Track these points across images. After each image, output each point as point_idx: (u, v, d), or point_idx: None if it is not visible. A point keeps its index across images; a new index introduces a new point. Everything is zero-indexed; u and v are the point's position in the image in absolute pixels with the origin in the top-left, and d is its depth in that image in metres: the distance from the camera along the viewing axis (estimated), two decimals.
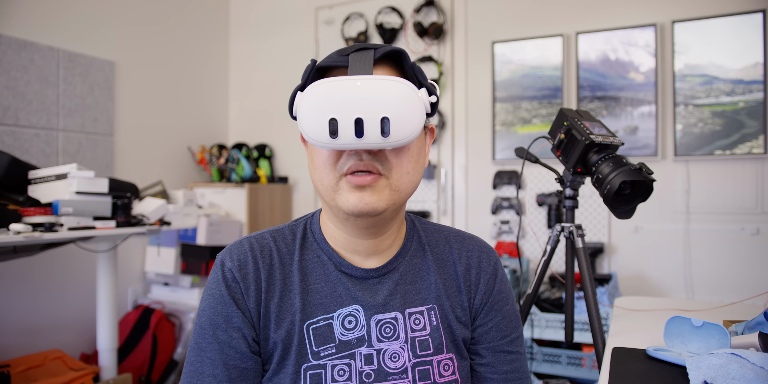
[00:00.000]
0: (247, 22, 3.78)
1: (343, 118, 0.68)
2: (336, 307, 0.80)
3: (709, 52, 2.56)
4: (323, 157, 0.75)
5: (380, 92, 0.68)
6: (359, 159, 0.72)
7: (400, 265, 0.86)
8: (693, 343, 0.97)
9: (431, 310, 0.85)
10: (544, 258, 1.59)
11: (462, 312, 0.87)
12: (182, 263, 3.03)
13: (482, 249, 0.93)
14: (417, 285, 0.86)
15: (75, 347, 2.68)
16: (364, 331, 0.80)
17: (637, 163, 1.34)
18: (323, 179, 0.76)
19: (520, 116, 2.96)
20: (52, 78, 2.60)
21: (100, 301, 2.25)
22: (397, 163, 0.75)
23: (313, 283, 0.82)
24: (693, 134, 2.58)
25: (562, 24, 2.87)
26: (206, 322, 0.78)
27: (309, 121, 0.70)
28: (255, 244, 0.83)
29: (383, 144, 0.69)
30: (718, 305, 1.46)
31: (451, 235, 0.93)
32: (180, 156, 3.39)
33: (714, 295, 2.54)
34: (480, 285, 0.89)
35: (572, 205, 1.53)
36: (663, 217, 2.66)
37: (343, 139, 0.68)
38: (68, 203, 1.90)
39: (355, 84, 0.69)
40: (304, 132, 0.71)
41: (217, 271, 0.81)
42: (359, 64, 0.72)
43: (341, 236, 0.83)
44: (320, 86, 0.70)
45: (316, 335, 0.78)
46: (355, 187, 0.73)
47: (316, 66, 0.75)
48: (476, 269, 0.90)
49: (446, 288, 0.87)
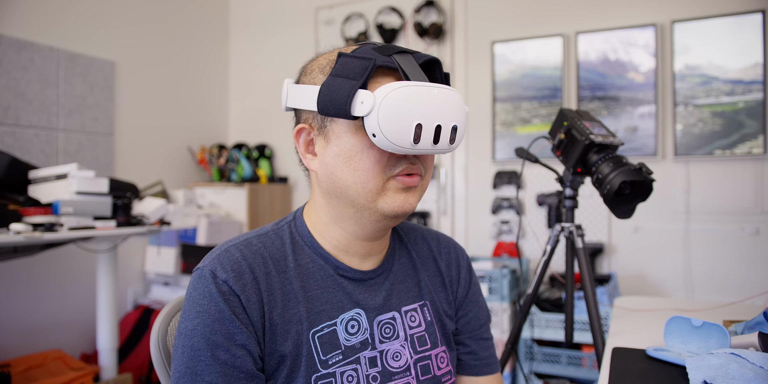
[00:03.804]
0: (247, 22, 3.78)
1: (426, 125, 0.68)
2: (338, 313, 0.78)
3: (709, 52, 2.56)
4: (373, 160, 0.72)
5: (451, 101, 0.71)
6: (410, 162, 0.74)
7: (393, 265, 0.87)
8: (693, 343, 0.97)
9: (424, 307, 0.87)
10: (544, 258, 1.59)
11: (448, 306, 0.91)
12: (182, 263, 3.03)
13: (455, 246, 0.98)
14: (407, 283, 0.87)
15: (75, 347, 2.68)
16: (367, 334, 0.80)
17: (637, 163, 1.34)
18: (368, 182, 0.73)
19: (520, 116, 2.96)
20: (52, 78, 2.60)
21: (100, 301, 2.25)
22: (430, 167, 0.78)
23: (313, 290, 0.78)
24: (693, 134, 2.58)
25: (561, 24, 2.87)
26: (201, 343, 0.70)
27: (392, 124, 0.67)
28: (245, 251, 0.76)
29: (449, 150, 0.72)
30: (717, 305, 1.46)
31: (426, 233, 0.97)
32: (180, 156, 3.39)
33: (714, 295, 2.54)
34: (460, 279, 0.94)
35: (572, 205, 1.53)
36: (663, 217, 2.66)
37: (422, 145, 0.69)
38: (68, 203, 1.90)
39: (432, 91, 0.69)
40: (383, 135, 0.67)
41: (208, 284, 0.72)
42: (412, 69, 0.71)
43: (345, 238, 0.81)
44: (405, 90, 0.68)
45: (322, 343, 0.76)
46: (404, 188, 0.74)
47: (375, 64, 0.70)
48: (455, 264, 0.95)
49: (433, 284, 0.91)
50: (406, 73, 0.70)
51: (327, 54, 0.80)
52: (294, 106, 0.77)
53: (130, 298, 3.03)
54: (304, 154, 0.79)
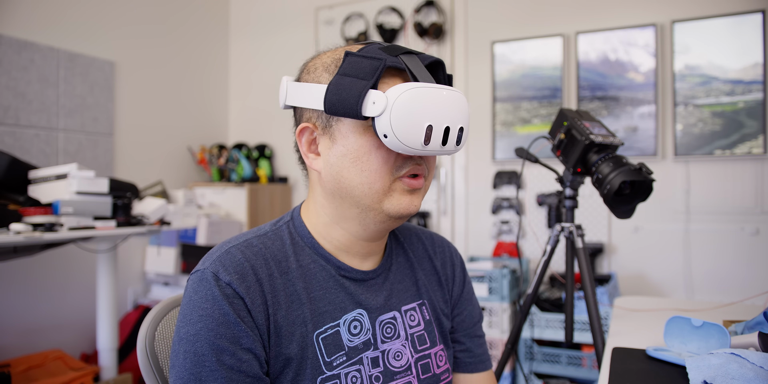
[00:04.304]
0: (247, 22, 3.78)
1: (437, 126, 0.69)
2: (341, 314, 0.78)
3: (709, 52, 2.56)
4: (380, 160, 0.72)
5: (459, 103, 0.72)
6: (417, 163, 0.74)
7: (392, 264, 0.87)
8: (693, 343, 0.97)
9: (422, 306, 0.88)
10: (544, 258, 1.59)
11: (444, 304, 0.92)
12: (182, 263, 3.03)
13: (448, 244, 0.99)
14: (406, 282, 0.88)
15: (75, 347, 2.68)
16: (369, 334, 0.80)
17: (637, 163, 1.34)
18: (375, 183, 0.73)
19: (520, 116, 2.96)
20: (52, 78, 2.60)
21: (100, 301, 2.25)
22: (432, 167, 0.79)
23: (315, 291, 0.77)
24: (693, 134, 2.58)
25: (561, 24, 2.87)
26: (205, 348, 0.68)
27: (404, 125, 0.67)
28: (247, 252, 0.75)
29: (455, 151, 0.73)
30: (717, 305, 1.46)
31: (420, 232, 0.97)
32: (180, 156, 3.39)
33: (714, 295, 2.54)
34: (455, 278, 0.95)
35: (572, 205, 1.54)
36: (663, 217, 2.66)
37: (432, 146, 0.70)
38: (68, 203, 1.91)
39: (442, 93, 0.70)
40: (395, 136, 0.67)
41: (210, 287, 0.70)
42: (419, 70, 0.71)
43: (346, 239, 0.80)
44: (416, 91, 0.68)
45: (326, 344, 0.75)
46: (410, 189, 0.75)
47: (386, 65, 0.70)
48: (450, 263, 0.96)
49: (430, 283, 0.91)
50: (414, 74, 0.70)
51: (330, 52, 0.78)
52: (296, 104, 0.76)
53: (130, 298, 3.03)
54: (306, 154, 0.78)
